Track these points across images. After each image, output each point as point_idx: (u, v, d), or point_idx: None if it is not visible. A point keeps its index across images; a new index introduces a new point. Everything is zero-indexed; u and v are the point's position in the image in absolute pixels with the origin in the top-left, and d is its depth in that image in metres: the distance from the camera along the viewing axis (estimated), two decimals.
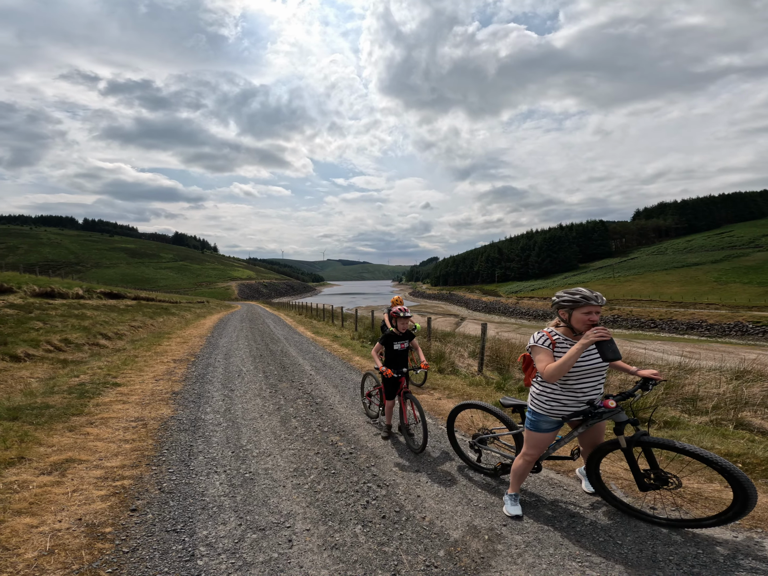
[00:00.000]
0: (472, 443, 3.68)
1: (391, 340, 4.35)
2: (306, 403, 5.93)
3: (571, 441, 2.95)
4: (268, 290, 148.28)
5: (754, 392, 4.82)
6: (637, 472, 2.65)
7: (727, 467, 2.27)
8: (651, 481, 2.60)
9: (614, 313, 60.21)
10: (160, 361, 9.08)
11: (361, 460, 3.95)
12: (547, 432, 2.79)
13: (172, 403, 5.83)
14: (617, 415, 2.57)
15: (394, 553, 2.54)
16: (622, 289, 74.10)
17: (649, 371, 2.61)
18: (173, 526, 2.80)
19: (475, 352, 8.83)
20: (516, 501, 2.97)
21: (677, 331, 49.16)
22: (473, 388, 6.42)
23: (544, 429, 2.78)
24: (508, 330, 39.34)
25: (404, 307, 4.42)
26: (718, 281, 66.89)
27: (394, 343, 4.35)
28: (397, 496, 3.24)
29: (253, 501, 3.19)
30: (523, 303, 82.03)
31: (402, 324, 4.35)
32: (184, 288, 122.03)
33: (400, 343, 4.37)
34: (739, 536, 2.56)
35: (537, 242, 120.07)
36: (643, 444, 2.57)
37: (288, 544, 2.65)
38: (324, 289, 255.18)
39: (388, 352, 4.40)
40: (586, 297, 2.52)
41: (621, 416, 2.57)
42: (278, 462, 3.91)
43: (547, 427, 2.78)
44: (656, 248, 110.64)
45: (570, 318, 2.61)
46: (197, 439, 4.49)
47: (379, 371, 4.17)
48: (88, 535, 2.65)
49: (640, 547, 2.49)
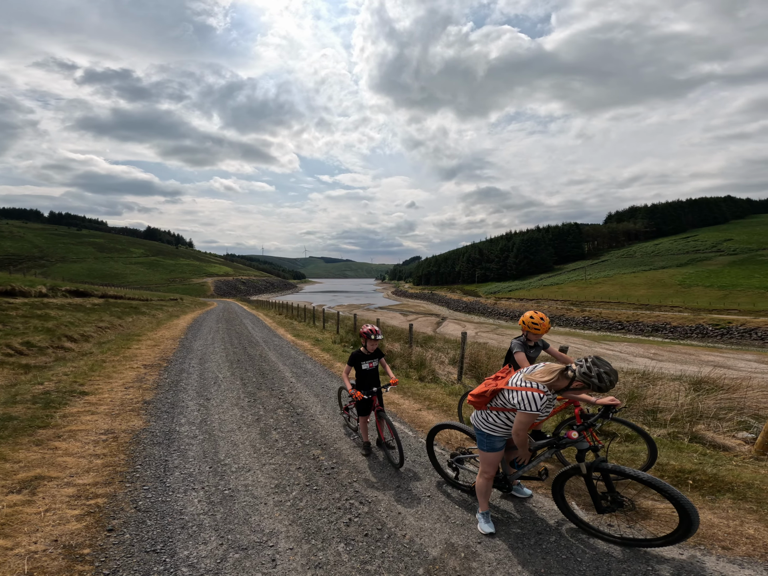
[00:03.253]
0: (450, 462, 3.78)
1: (359, 360, 4.37)
2: (286, 414, 5.86)
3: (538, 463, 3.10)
4: (246, 287, 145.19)
5: (708, 405, 5.05)
6: (596, 495, 2.80)
7: (674, 494, 2.43)
8: (608, 503, 2.77)
9: (585, 315, 62.32)
10: (129, 366, 8.74)
11: (343, 476, 3.95)
12: (501, 449, 3.00)
13: (144, 414, 5.62)
14: (580, 443, 2.73)
15: (377, 571, 2.58)
16: (592, 291, 76.76)
17: (608, 399, 2.75)
18: (152, 547, 2.77)
19: (455, 359, 8.94)
20: (488, 519, 3.08)
21: (643, 332, 51.34)
22: (453, 398, 6.47)
23: (499, 448, 2.99)
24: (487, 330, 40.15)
25: (376, 328, 4.38)
26: (682, 284, 70.21)
27: (362, 362, 4.37)
28: (379, 513, 3.28)
29: (233, 519, 3.15)
30: (501, 304, 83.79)
31: (371, 345, 4.35)
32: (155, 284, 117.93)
33: (368, 362, 4.39)
34: (684, 554, 2.73)
35: (515, 244, 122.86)
36: (601, 470, 2.73)
37: (272, 563, 2.66)
38: (305, 287, 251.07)
39: (358, 372, 4.42)
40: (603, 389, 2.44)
41: (583, 444, 2.73)
42: (258, 478, 3.86)
43: (501, 445, 2.99)
44: (626, 251, 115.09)
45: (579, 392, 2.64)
46: (172, 453, 4.37)
47: (349, 394, 4.23)
48: (67, 557, 2.60)
49: (597, 564, 2.63)
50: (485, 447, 3.00)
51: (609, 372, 2.44)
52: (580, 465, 2.75)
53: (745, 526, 2.96)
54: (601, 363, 2.47)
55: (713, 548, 2.76)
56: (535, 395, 2.58)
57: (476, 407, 3.13)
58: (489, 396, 3.02)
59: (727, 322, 45.35)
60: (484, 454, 3.03)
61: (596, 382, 2.43)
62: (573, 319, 62.95)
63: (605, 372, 2.44)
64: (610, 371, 2.45)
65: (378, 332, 4.31)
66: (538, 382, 2.63)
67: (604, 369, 2.45)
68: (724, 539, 2.84)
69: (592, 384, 2.44)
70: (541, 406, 2.58)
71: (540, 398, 2.57)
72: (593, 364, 2.47)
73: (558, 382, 2.62)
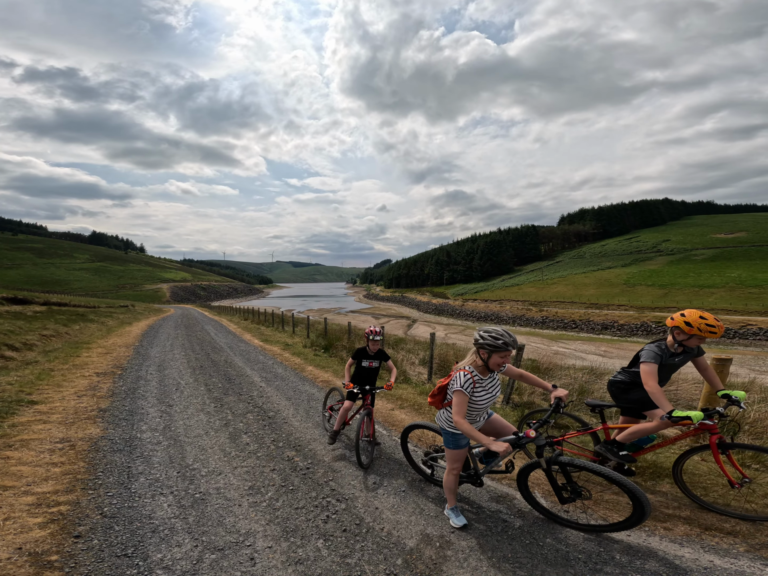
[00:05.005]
0: (425, 460, 3.84)
1: (361, 356, 4.59)
2: (257, 418, 5.73)
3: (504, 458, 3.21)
4: (207, 293, 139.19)
5: None
6: (556, 487, 2.98)
7: (625, 483, 2.63)
8: (568, 494, 2.94)
9: (543, 314, 65.41)
10: (80, 374, 8.18)
11: (319, 475, 3.95)
12: (465, 446, 3.09)
13: (101, 422, 5.35)
14: (538, 440, 2.88)
15: (357, 564, 2.64)
16: (549, 291, 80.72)
17: (562, 392, 2.95)
18: (123, 551, 2.73)
19: (425, 360, 9.08)
20: (458, 512, 3.17)
21: (594, 331, 54.69)
22: (423, 397, 6.59)
23: (463, 445, 3.07)
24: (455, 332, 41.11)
25: (376, 329, 4.54)
26: (627, 284, 75.36)
27: (363, 360, 4.57)
28: (356, 509, 3.32)
29: (207, 521, 3.11)
30: (468, 305, 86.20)
31: (372, 345, 4.54)
32: (103, 291, 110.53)
33: (368, 361, 4.57)
34: (631, 535, 2.98)
35: (480, 246, 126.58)
36: (559, 464, 2.91)
37: (250, 562, 2.66)
38: (273, 292, 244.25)
39: (357, 368, 4.63)
40: (506, 344, 2.73)
41: (540, 440, 2.88)
42: (231, 480, 3.79)
43: (465, 442, 3.07)
44: (577, 252, 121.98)
45: (488, 359, 2.81)
46: (135, 459, 4.22)
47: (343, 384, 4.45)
48: (34, 564, 2.53)
49: (557, 548, 2.83)
50: (451, 445, 3.08)
51: (496, 332, 2.78)
52: (540, 460, 2.92)
53: (681, 509, 3.26)
54: (489, 329, 2.81)
55: (656, 529, 3.01)
56: (460, 374, 2.85)
57: (436, 407, 3.23)
58: (440, 393, 3.15)
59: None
60: (450, 452, 3.11)
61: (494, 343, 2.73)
62: (532, 318, 65.86)
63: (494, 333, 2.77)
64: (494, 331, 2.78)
65: (378, 332, 4.49)
66: (463, 365, 2.95)
67: (493, 332, 2.78)
68: (665, 521, 3.11)
69: (495, 345, 2.72)
70: (464, 383, 2.79)
71: (464, 376, 2.82)
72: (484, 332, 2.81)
73: (477, 359, 2.89)
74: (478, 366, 2.90)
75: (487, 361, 2.82)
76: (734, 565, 2.61)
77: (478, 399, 2.89)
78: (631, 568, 2.59)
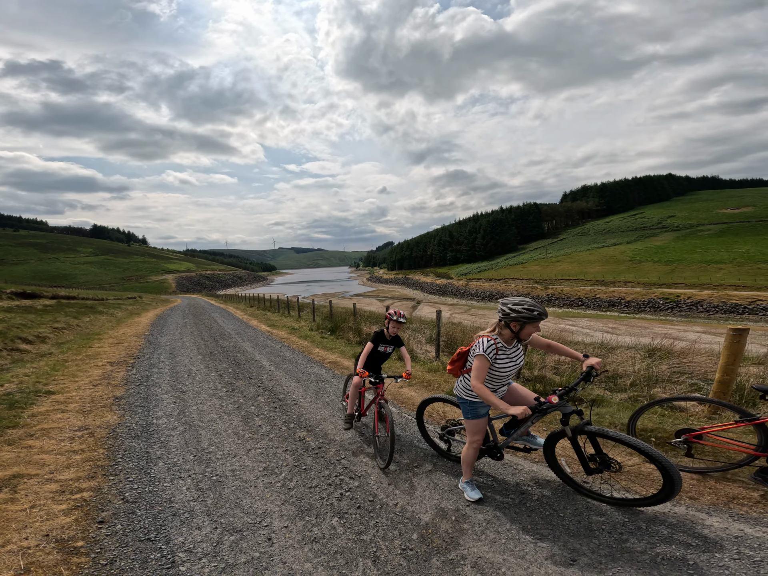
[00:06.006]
0: (442, 434, 3.79)
1: (378, 340, 4.27)
2: (268, 400, 5.80)
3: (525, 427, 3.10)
4: (212, 282, 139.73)
5: (662, 370, 5.40)
6: (583, 457, 2.87)
7: (658, 457, 2.51)
8: (596, 465, 2.82)
9: (548, 292, 65.14)
10: (94, 364, 8.30)
11: (331, 454, 4.00)
12: (485, 416, 3.01)
13: (117, 409, 5.44)
14: (563, 407, 2.76)
15: (372, 540, 2.66)
16: (554, 269, 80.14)
17: (594, 360, 2.75)
18: (146, 535, 2.75)
19: (431, 338, 9.12)
20: (473, 486, 3.15)
21: (600, 308, 54.44)
22: (432, 374, 6.65)
23: (483, 414, 3.00)
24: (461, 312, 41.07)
25: (400, 311, 4.22)
26: (633, 260, 74.48)
27: (380, 344, 4.29)
28: (369, 486, 3.36)
29: (224, 504, 3.15)
30: (472, 285, 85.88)
31: (393, 327, 4.21)
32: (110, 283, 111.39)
33: (384, 346, 4.29)
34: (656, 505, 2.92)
35: (482, 225, 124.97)
36: (586, 433, 2.77)
37: (268, 542, 2.68)
38: (277, 278, 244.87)
39: (372, 351, 4.31)
40: (541, 314, 2.67)
41: (566, 408, 2.76)
42: (245, 462, 3.85)
43: (484, 411, 3.00)
44: (580, 229, 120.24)
45: (521, 330, 2.74)
46: (153, 445, 4.29)
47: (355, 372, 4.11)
48: (61, 551, 2.57)
49: (579, 518, 2.83)
50: (469, 414, 3.02)
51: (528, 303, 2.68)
52: (565, 428, 2.81)
53: (707, 478, 3.23)
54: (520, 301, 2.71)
55: (681, 499, 2.98)
56: (483, 339, 2.81)
57: (454, 374, 3.19)
58: (460, 359, 3.09)
59: (676, 295, 48.79)
60: (469, 423, 3.04)
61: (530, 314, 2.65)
62: (538, 297, 65.64)
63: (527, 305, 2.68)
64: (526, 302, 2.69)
65: (402, 315, 4.17)
66: (486, 332, 2.91)
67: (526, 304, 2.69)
68: (690, 490, 3.08)
69: (530, 317, 2.66)
70: (487, 348, 2.75)
71: (487, 342, 2.78)
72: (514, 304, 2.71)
73: (504, 331, 2.83)
74: (504, 335, 2.84)
75: (518, 332, 2.75)
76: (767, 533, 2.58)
77: (501, 367, 2.83)
78: (658, 538, 2.57)
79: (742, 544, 2.48)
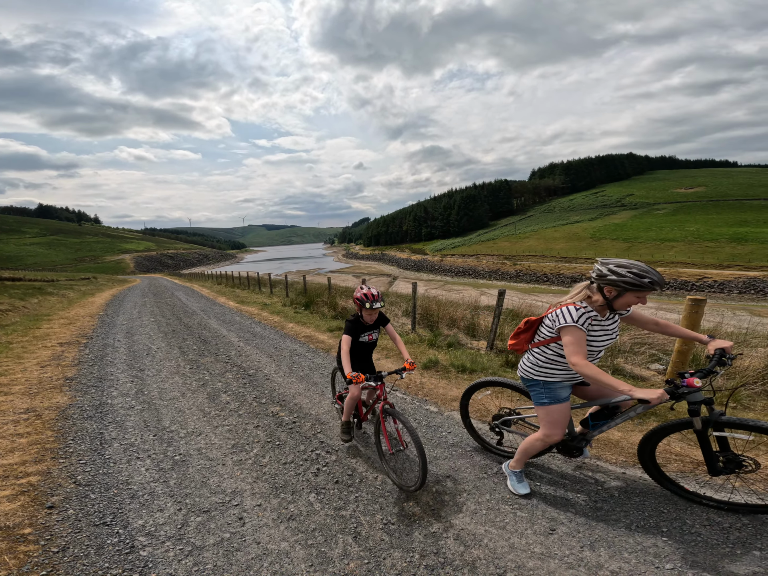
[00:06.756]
0: (494, 425, 3.14)
1: (357, 330, 3.18)
2: (237, 376, 5.49)
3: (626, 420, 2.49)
4: (175, 261, 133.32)
5: (624, 341, 5.51)
6: (709, 454, 2.34)
7: None
8: (724, 464, 2.30)
9: (517, 268, 66.93)
10: (42, 345, 7.61)
11: (306, 428, 3.80)
12: (568, 399, 2.46)
13: (68, 390, 5.02)
14: (693, 395, 2.20)
15: (352, 515, 2.53)
16: (522, 246, 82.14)
17: (724, 342, 2.23)
18: (101, 520, 2.55)
19: (407, 311, 9.00)
20: (522, 478, 2.68)
21: (564, 284, 56.54)
22: (408, 346, 6.54)
23: (564, 397, 2.44)
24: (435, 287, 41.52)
25: (373, 292, 3.09)
26: (593, 237, 77.29)
27: (360, 333, 3.23)
28: (347, 460, 3.20)
29: (189, 483, 2.92)
30: (446, 261, 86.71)
31: (368, 315, 3.14)
32: (61, 265, 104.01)
33: (368, 334, 3.27)
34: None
35: (456, 201, 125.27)
36: (720, 425, 2.24)
37: (239, 522, 2.50)
38: (247, 256, 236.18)
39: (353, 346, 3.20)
40: (653, 283, 2.07)
41: (697, 395, 2.19)
42: (212, 440, 3.60)
43: (566, 393, 2.45)
44: (547, 206, 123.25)
45: (617, 298, 2.17)
46: (107, 425, 3.98)
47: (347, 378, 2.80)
48: (6, 539, 2.34)
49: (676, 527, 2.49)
50: (545, 399, 2.43)
51: (639, 267, 2.08)
52: (694, 420, 2.25)
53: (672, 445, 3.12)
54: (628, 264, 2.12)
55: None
56: (569, 308, 2.23)
57: (518, 350, 2.63)
58: (528, 330, 2.52)
59: None
60: (545, 410, 2.44)
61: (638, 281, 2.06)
62: (507, 273, 67.33)
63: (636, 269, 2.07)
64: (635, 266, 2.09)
65: (377, 297, 3.08)
66: (570, 299, 2.34)
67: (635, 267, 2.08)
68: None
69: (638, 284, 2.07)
70: (578, 318, 2.18)
71: (576, 309, 2.21)
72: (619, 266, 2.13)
73: (595, 296, 2.25)
74: (594, 303, 2.27)
75: (613, 299, 2.18)
76: None
77: (594, 341, 2.28)
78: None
79: None
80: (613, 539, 2.21)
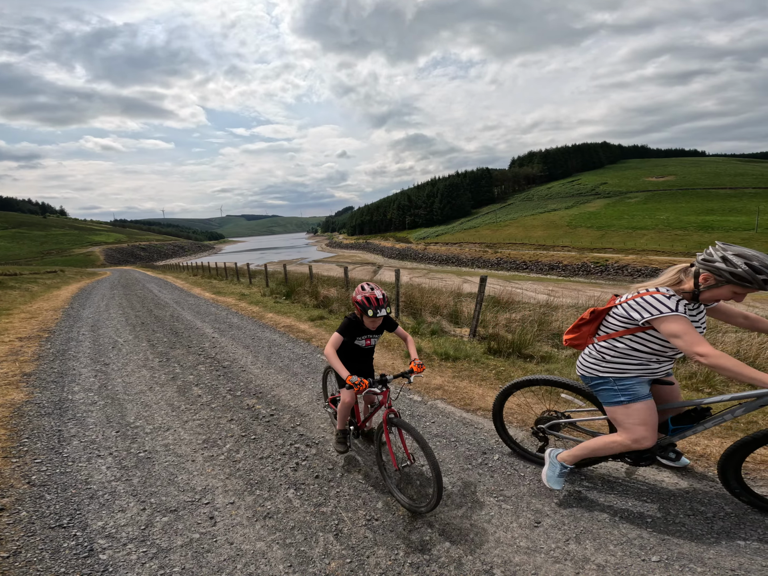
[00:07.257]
0: (538, 429, 2.76)
1: (353, 332, 2.69)
2: (210, 369, 5.23)
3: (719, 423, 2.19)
4: (148, 253, 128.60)
5: None
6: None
7: None
8: None
9: (498, 256, 67.76)
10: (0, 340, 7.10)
11: (285, 421, 3.62)
12: (649, 395, 2.15)
13: (25, 386, 4.68)
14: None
15: (333, 512, 2.40)
16: (502, 234, 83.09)
17: None
18: (57, 522, 2.38)
19: (391, 299, 8.88)
20: (564, 475, 2.41)
21: (542, 271, 57.70)
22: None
23: (645, 394, 2.12)
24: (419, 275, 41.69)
25: (377, 295, 2.53)
26: (569, 225, 78.90)
27: (357, 336, 2.73)
28: (328, 453, 3.05)
29: (155, 482, 2.73)
30: (430, 249, 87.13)
31: (370, 322, 2.62)
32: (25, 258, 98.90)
33: (366, 338, 2.76)
34: None
35: (439, 189, 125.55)
36: None
37: (210, 521, 2.33)
38: (225, 247, 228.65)
39: (346, 348, 2.75)
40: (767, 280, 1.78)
41: None
42: (181, 435, 3.39)
43: (646, 390, 2.14)
44: (526, 194, 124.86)
45: (713, 288, 1.89)
46: (66, 422, 3.71)
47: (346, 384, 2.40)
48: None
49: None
50: (623, 397, 2.11)
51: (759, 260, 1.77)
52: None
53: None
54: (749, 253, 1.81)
55: None
56: (660, 296, 1.93)
57: (579, 346, 2.35)
58: (593, 322, 2.25)
59: (605, 260, 52.70)
60: (625, 409, 2.12)
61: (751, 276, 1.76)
62: (488, 260, 68.10)
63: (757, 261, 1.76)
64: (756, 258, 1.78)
65: (382, 302, 2.53)
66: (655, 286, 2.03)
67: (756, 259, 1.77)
68: None
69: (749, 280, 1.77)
70: (676, 305, 1.89)
71: (668, 297, 1.92)
72: (736, 255, 1.81)
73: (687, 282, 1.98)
74: (684, 289, 1.98)
75: (705, 289, 1.91)
76: None
77: None
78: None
79: None
80: (598, 531, 2.13)
